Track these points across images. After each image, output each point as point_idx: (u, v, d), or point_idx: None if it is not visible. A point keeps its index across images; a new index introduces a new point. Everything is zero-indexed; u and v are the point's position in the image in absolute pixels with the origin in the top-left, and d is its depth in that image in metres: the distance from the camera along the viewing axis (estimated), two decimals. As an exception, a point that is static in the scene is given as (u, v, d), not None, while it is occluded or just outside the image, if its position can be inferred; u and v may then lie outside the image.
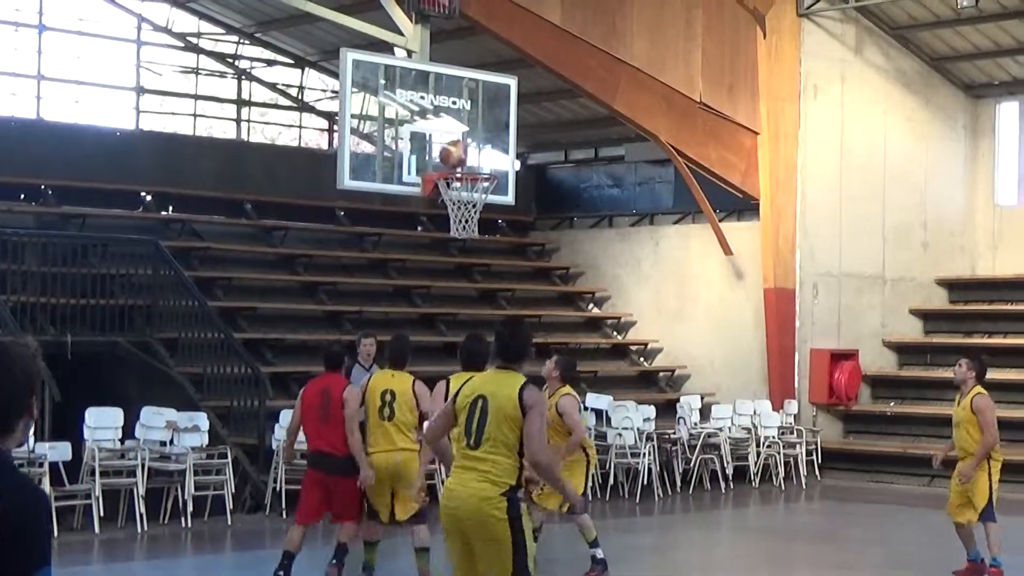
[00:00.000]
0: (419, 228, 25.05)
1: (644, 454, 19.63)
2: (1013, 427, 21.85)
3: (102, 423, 16.29)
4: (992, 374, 22.71)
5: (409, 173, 18.25)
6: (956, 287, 25.15)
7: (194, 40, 25.64)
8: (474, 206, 17.99)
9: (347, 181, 17.72)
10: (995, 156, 25.23)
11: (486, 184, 18.15)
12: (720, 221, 23.27)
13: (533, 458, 7.55)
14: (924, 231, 24.68)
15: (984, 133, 25.14)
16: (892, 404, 23.48)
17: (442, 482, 11.34)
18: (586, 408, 20.39)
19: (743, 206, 23.34)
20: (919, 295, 24.70)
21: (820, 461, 22.13)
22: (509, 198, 19.11)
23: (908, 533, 17.40)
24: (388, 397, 11.60)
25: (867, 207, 23.63)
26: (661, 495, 19.79)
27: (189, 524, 16.08)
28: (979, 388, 12.81)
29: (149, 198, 22.45)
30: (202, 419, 17.11)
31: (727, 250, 23.11)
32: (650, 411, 20.63)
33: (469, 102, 18.16)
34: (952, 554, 15.36)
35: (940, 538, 16.97)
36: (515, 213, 25.09)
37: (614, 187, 26.60)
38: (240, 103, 26.11)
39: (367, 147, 20.85)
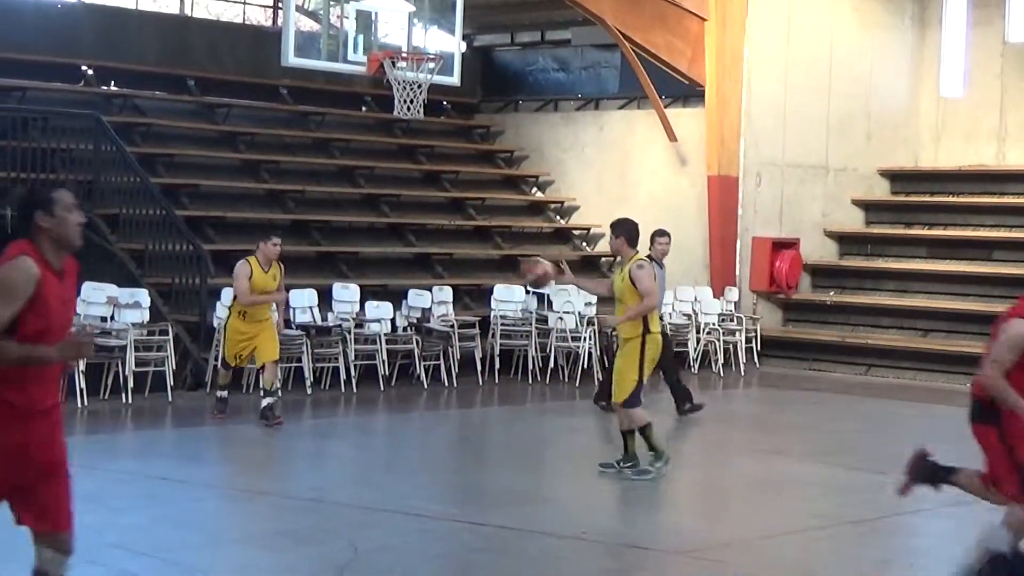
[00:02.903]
0: (363, 108, 24.85)
1: (585, 338, 19.74)
2: (954, 318, 22.17)
3: (41, 298, 16.17)
4: (932, 265, 23.12)
5: (354, 52, 18.11)
6: (898, 178, 25.28)
7: (136, -89, 25.15)
8: (419, 87, 17.87)
9: (291, 59, 17.56)
10: (940, 48, 25.22)
11: (431, 65, 18.03)
12: (665, 107, 23.23)
13: None
14: (868, 122, 24.74)
15: (930, 24, 25.12)
16: (832, 293, 23.69)
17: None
18: (528, 292, 20.49)
19: (689, 93, 23.29)
20: (861, 186, 24.82)
21: (759, 349, 22.33)
22: (454, 79, 19.00)
23: (843, 420, 17.64)
24: None
25: (812, 97, 23.64)
26: (601, 379, 19.89)
27: (129, 400, 16.09)
28: (638, 256, 12.50)
29: (91, 72, 22.10)
30: (143, 296, 17.06)
31: (672, 136, 23.10)
32: (591, 295, 20.67)
33: (416, -19, 17.96)
34: (888, 440, 15.63)
35: (875, 425, 17.28)
36: (460, 95, 24.91)
37: (560, 71, 26.46)
38: (183, -23, 25.69)
39: (312, 25, 20.66)
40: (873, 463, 14.05)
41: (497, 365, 19.39)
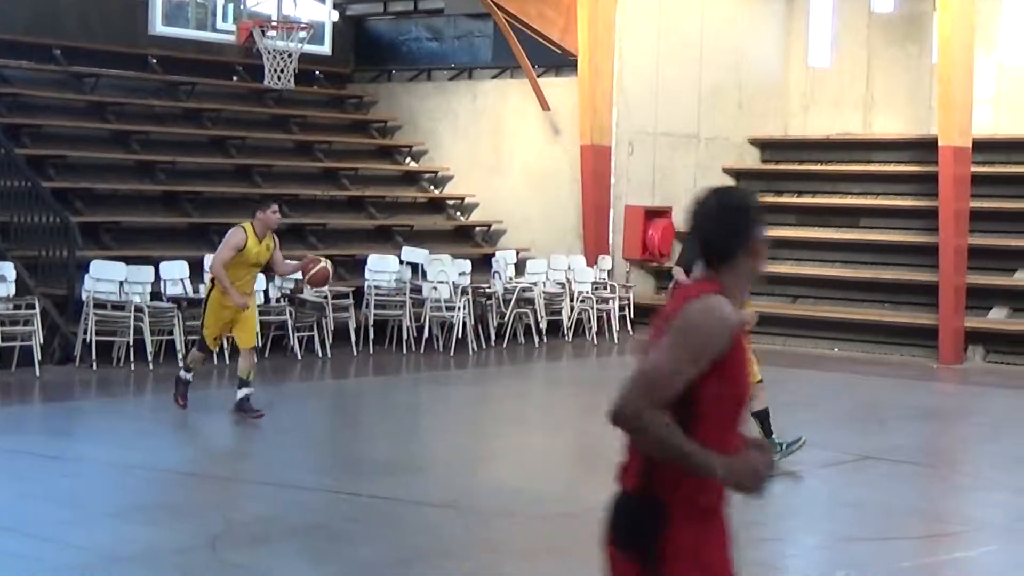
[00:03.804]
0: (234, 78, 24.57)
1: (459, 308, 19.76)
2: (822, 284, 22.55)
3: (-96, 272, 15.87)
4: (801, 233, 23.44)
5: (224, 20, 17.93)
6: (768, 147, 25.58)
7: None
8: (290, 56, 17.75)
9: (159, 27, 17.34)
10: (808, 18, 25.57)
11: (302, 34, 17.92)
12: (538, 77, 23.27)
13: None
14: (739, 91, 24.99)
15: (799, -5, 25.47)
16: (703, 261, 23.88)
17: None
18: (402, 262, 20.47)
19: (561, 62, 23.35)
20: (732, 154, 25.08)
21: (632, 316, 22.52)
22: (326, 48, 18.91)
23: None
24: None
25: (684, 67, 23.82)
26: (475, 348, 19.98)
27: (-4, 375, 15.84)
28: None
29: (-47, 41, 21.63)
30: (8, 269, 16.74)
31: (545, 106, 23.16)
32: (466, 265, 20.73)
33: (286, -51, 17.80)
34: (775, 401, 15.83)
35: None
36: (333, 65, 24.74)
37: (433, 40, 26.38)
38: (48, -56, 25.19)
39: (181, -7, 20.39)
40: (745, 426, 14.24)
41: (371, 335, 19.34)
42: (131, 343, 16.88)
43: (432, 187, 24.72)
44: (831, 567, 9.27)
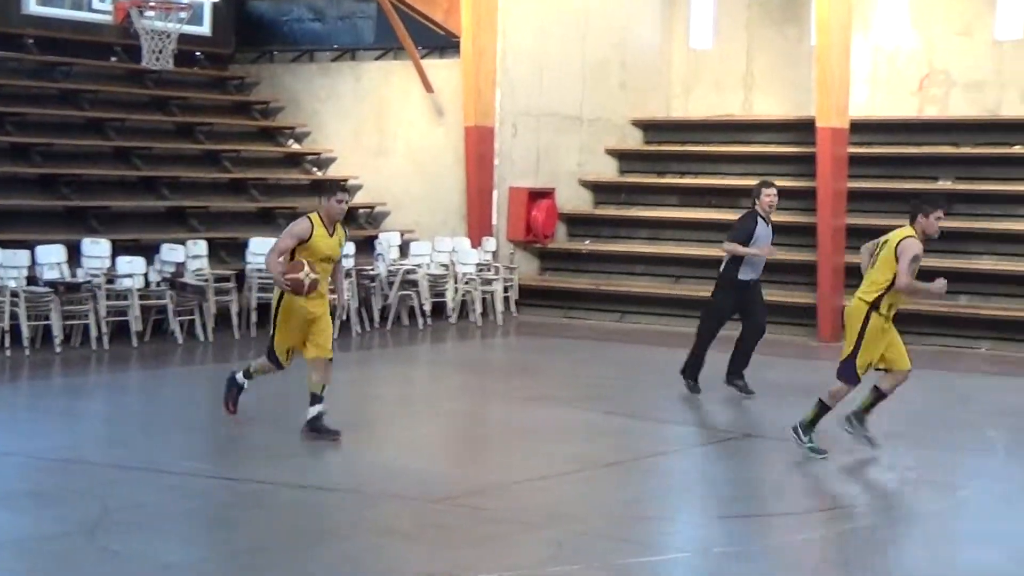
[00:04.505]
0: (113, 59, 24.18)
1: (343, 291, 19.61)
2: (704, 265, 22.64)
3: None
4: (684, 213, 23.63)
5: (101, 0, 17.65)
6: (651, 128, 25.73)
7: None
8: (168, 36, 17.54)
9: (33, 7, 17.03)
10: (690, 0, 25.76)
11: (182, 14, 17.71)
12: (422, 58, 23.22)
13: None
14: (622, 72, 25.11)
15: (681, -23, 25.62)
16: (587, 242, 24.03)
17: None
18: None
19: (445, 43, 23.30)
20: (615, 135, 25.21)
21: (517, 298, 22.57)
22: (205, 29, 18.72)
23: (599, 366, 17.94)
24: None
25: (567, 47, 23.88)
26: (360, 331, 19.91)
27: None
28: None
29: None
30: None
31: (428, 87, 23.11)
32: (349, 247, 20.61)
33: (163, -73, 17.57)
34: (641, 385, 15.97)
35: (629, 370, 17.63)
36: (213, 46, 24.46)
37: (315, 21, 26.17)
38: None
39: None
40: (626, 407, 14.37)
41: (254, 319, 19.18)
42: (7, 328, 16.59)
43: (315, 169, 24.55)
44: (708, 544, 9.35)
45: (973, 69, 23.19)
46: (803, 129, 22.30)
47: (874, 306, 11.44)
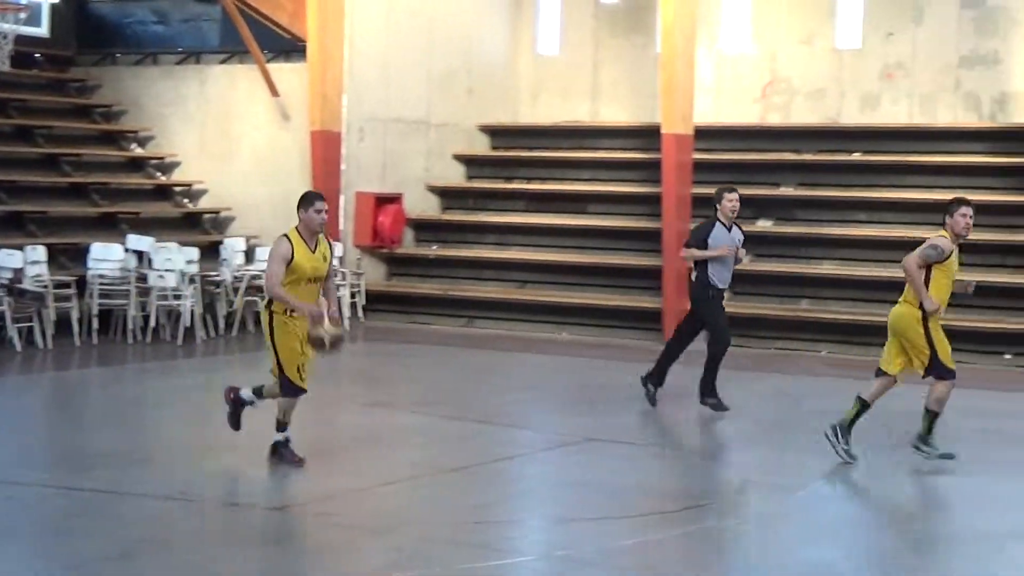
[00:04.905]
0: (-51, 60, 23.64)
1: (187, 296, 19.43)
2: (550, 270, 22.89)
3: None
4: (531, 219, 23.77)
5: (-65, 0, 17.25)
6: (498, 133, 25.83)
7: None
8: (5, 37, 17.18)
9: None
10: (537, 7, 25.93)
11: (21, 15, 17.37)
12: (267, 62, 23.03)
13: None
14: (469, 77, 25.17)
15: (528, -17, 25.77)
16: (434, 247, 24.04)
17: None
18: (127, 250, 20.01)
19: (291, 47, 23.13)
20: (462, 141, 25.26)
21: (364, 303, 22.51)
22: (43, 30, 18.37)
23: (445, 371, 17.97)
24: None
25: (414, 53, 23.88)
26: (205, 337, 19.69)
27: None
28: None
29: None
30: None
31: (274, 92, 22.93)
32: (193, 253, 20.41)
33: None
34: (487, 390, 16.02)
35: (475, 375, 17.68)
36: (54, 47, 24.02)
37: (159, 23, 25.79)
38: None
39: None
40: (472, 412, 14.40)
41: (95, 325, 18.88)
42: None
43: (159, 173, 24.21)
44: (550, 548, 9.41)
45: (814, 77, 23.66)
46: (649, 135, 22.56)
47: (921, 307, 11.70)
